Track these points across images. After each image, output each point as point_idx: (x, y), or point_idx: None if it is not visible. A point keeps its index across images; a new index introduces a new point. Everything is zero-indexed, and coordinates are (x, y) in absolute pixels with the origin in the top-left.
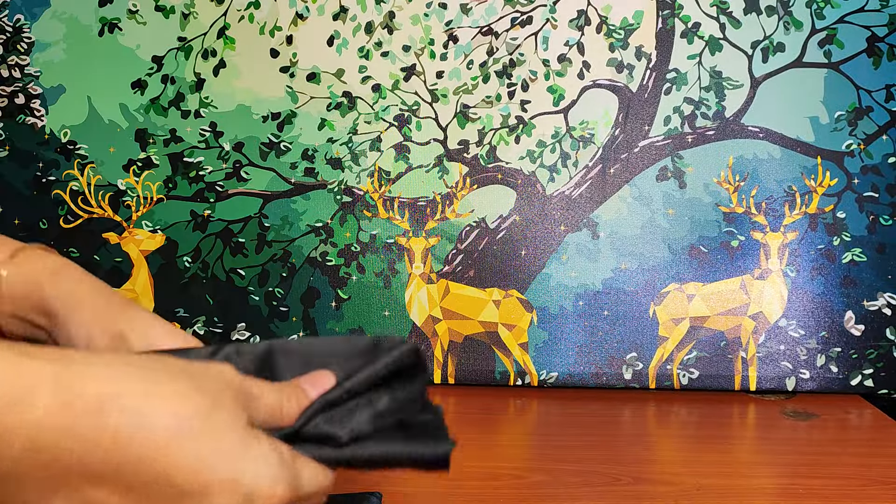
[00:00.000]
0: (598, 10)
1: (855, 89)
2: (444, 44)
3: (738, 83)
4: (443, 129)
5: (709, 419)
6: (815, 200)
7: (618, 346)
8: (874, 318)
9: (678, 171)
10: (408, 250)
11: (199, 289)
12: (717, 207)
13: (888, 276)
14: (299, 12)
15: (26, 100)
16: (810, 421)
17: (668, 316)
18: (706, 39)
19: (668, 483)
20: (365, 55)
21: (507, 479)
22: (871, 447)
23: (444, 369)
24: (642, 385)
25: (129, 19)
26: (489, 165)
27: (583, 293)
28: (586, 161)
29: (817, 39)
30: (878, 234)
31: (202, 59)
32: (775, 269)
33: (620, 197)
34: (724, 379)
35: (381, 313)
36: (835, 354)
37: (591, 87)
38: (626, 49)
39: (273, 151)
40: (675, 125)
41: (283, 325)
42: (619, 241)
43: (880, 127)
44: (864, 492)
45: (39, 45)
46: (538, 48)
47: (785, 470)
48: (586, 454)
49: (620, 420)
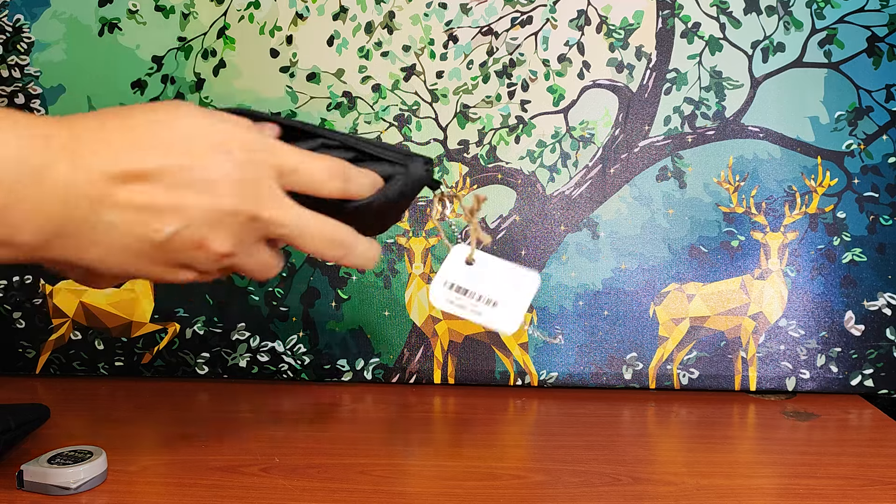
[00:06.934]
0: (598, 10)
1: (855, 89)
2: (444, 44)
3: (738, 83)
4: (443, 129)
5: (709, 419)
6: (816, 200)
7: (618, 346)
8: (874, 318)
9: (678, 171)
10: (408, 250)
11: (198, 289)
12: (717, 207)
13: (888, 276)
14: (299, 12)
15: (26, 100)
16: (810, 421)
17: (668, 316)
18: (706, 39)
19: (668, 483)
20: (365, 55)
21: (507, 479)
22: (871, 447)
23: (444, 369)
24: (642, 385)
25: (129, 19)
26: (489, 165)
27: (583, 293)
28: (586, 161)
29: (817, 39)
30: (878, 234)
31: (202, 59)
32: (775, 269)
33: (620, 197)
34: (724, 379)
35: (381, 313)
36: (835, 354)
37: (591, 87)
38: (626, 49)
39: None
40: (675, 125)
41: (282, 325)
42: (619, 241)
43: (880, 127)
44: (864, 492)
45: (39, 45)
46: (538, 48)
47: (785, 470)
48: (586, 454)
49: (620, 420)
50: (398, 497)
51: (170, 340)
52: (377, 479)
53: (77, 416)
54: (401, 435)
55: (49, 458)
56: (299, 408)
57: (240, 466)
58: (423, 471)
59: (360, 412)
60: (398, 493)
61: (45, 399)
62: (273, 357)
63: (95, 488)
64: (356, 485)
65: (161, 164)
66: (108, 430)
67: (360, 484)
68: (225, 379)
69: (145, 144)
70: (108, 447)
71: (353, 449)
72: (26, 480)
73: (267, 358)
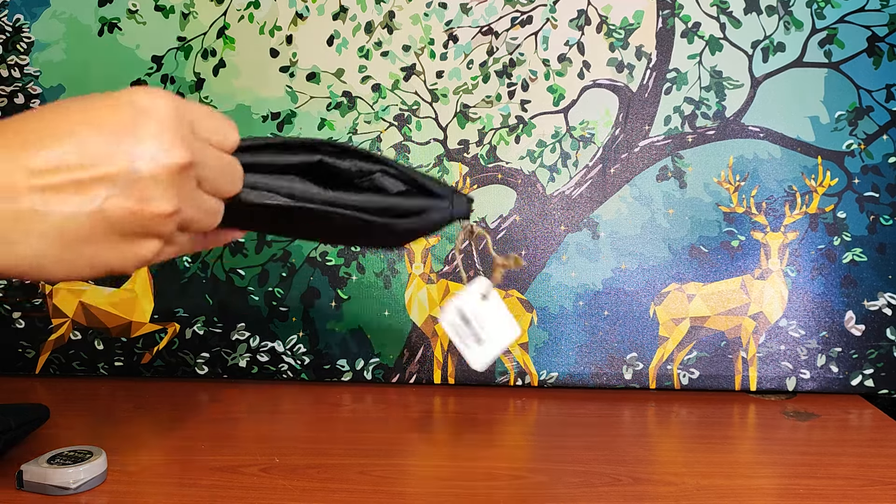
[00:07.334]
0: (598, 10)
1: (855, 89)
2: (444, 44)
3: (738, 83)
4: (443, 128)
5: (709, 419)
6: (816, 200)
7: (618, 346)
8: (874, 318)
9: (678, 171)
10: (408, 250)
11: (198, 289)
12: (717, 207)
13: (888, 276)
14: (299, 12)
15: (26, 100)
16: (810, 421)
17: (669, 316)
18: (706, 39)
19: (668, 483)
20: (365, 55)
21: (507, 479)
22: (871, 447)
23: (444, 369)
24: (642, 385)
25: (128, 19)
26: (489, 165)
27: (583, 293)
28: (586, 161)
29: (817, 39)
30: (878, 234)
31: (202, 59)
32: (775, 269)
33: (620, 197)
34: (724, 379)
35: (381, 313)
36: (835, 354)
37: (591, 87)
38: (626, 49)
39: None
40: (676, 125)
41: (282, 325)
42: (619, 241)
43: (881, 127)
44: (864, 492)
45: (39, 44)
46: (538, 48)
47: (785, 470)
48: (586, 454)
49: (620, 420)
50: (398, 497)
51: (169, 340)
52: (377, 479)
53: (77, 416)
54: (401, 435)
55: (49, 458)
56: (299, 408)
57: (240, 466)
58: (423, 471)
59: (360, 412)
60: (398, 493)
61: (45, 399)
62: (273, 357)
63: (95, 488)
64: (356, 485)
65: (75, 145)
66: (108, 430)
67: (360, 484)
68: (225, 379)
69: (57, 130)
70: (108, 447)
71: (353, 449)
72: (26, 480)
73: (267, 358)
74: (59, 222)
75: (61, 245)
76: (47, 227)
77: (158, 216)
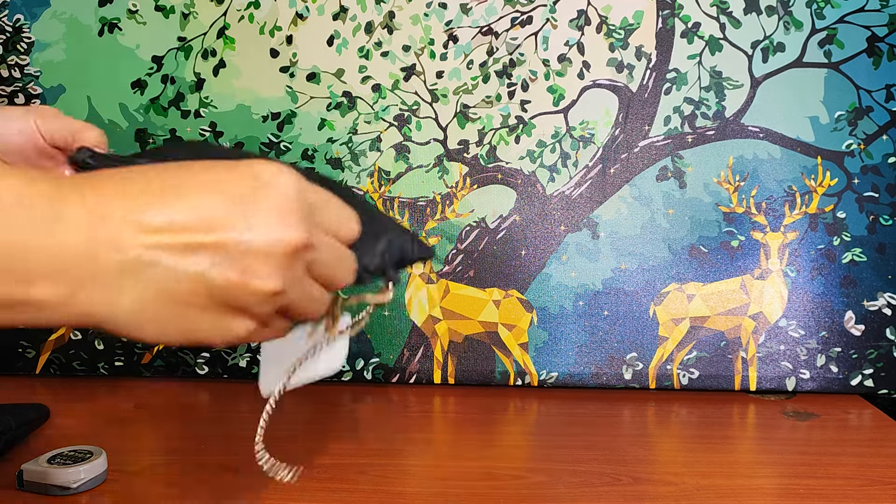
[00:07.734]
0: (598, 10)
1: (855, 89)
2: (444, 44)
3: (738, 83)
4: (443, 128)
5: (709, 419)
6: (816, 200)
7: (618, 346)
8: (874, 318)
9: (678, 171)
10: None
11: None
12: (717, 207)
13: (888, 276)
14: (299, 12)
15: (26, 100)
16: (810, 421)
17: (668, 316)
18: (706, 39)
19: (668, 483)
20: (365, 55)
21: (507, 479)
22: (871, 447)
23: (444, 369)
24: (642, 385)
25: (128, 19)
26: (489, 165)
27: (583, 293)
28: (586, 161)
29: (817, 39)
30: (878, 234)
31: (202, 59)
32: (775, 269)
33: (620, 197)
34: (724, 379)
35: (381, 313)
36: (835, 354)
37: (591, 87)
38: (626, 49)
39: (273, 151)
40: (675, 125)
41: None
42: (619, 241)
43: (880, 127)
44: (864, 492)
45: (39, 45)
46: (538, 48)
47: (785, 470)
48: (586, 454)
49: (620, 420)
50: (398, 497)
51: None
52: (377, 479)
53: (77, 416)
54: (401, 435)
55: (49, 458)
56: (299, 408)
57: (240, 466)
58: (423, 471)
59: (360, 412)
60: (398, 493)
61: (45, 399)
62: None
63: (95, 488)
64: (356, 485)
65: (192, 207)
66: (108, 430)
67: (360, 484)
68: (225, 379)
69: (176, 189)
70: (108, 447)
71: (353, 449)
72: (26, 480)
73: None
74: (160, 279)
75: (159, 303)
76: (149, 282)
77: (261, 292)
